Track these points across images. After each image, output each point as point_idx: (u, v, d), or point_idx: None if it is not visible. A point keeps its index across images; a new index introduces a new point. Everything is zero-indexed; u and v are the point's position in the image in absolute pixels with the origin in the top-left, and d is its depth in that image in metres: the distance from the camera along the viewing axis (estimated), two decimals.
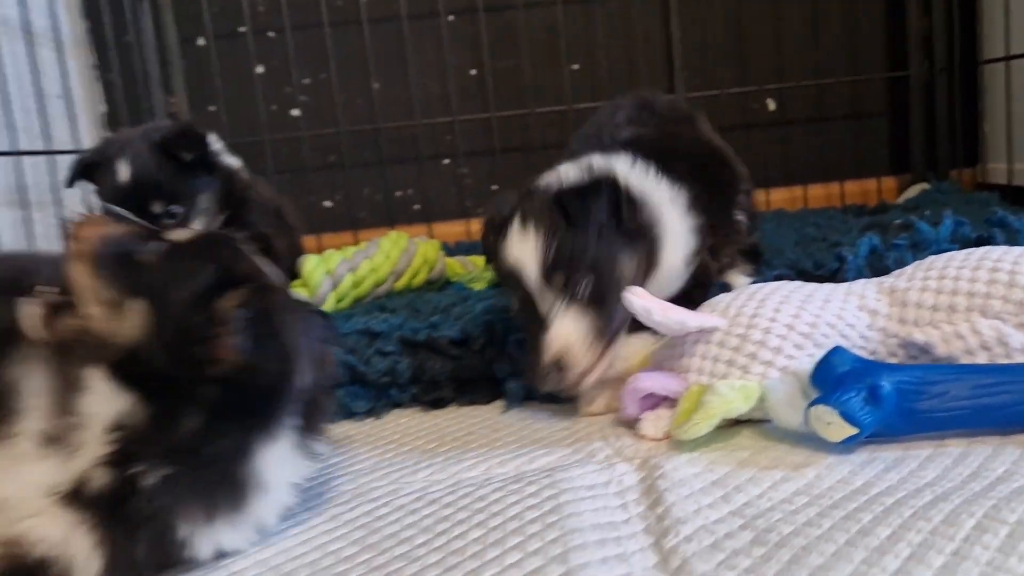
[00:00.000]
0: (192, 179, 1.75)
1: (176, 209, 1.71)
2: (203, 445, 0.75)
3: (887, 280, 1.21)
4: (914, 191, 2.74)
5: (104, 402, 0.73)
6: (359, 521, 0.95)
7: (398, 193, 2.99)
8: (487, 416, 1.31)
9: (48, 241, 2.28)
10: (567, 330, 1.19)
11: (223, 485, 0.78)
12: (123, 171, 1.68)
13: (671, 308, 1.13)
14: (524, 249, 1.24)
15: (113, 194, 1.67)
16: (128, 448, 0.72)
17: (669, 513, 0.88)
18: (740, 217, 1.62)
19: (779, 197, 2.87)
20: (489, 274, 1.96)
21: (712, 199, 1.47)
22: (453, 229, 2.90)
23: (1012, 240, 1.42)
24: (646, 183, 1.36)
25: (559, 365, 1.18)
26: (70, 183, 1.77)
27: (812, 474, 0.95)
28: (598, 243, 1.24)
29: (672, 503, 0.90)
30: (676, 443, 1.08)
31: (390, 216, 2.93)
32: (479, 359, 1.36)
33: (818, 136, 2.90)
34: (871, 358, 1.14)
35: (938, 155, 2.81)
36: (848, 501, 0.86)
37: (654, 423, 1.14)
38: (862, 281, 1.23)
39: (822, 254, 1.70)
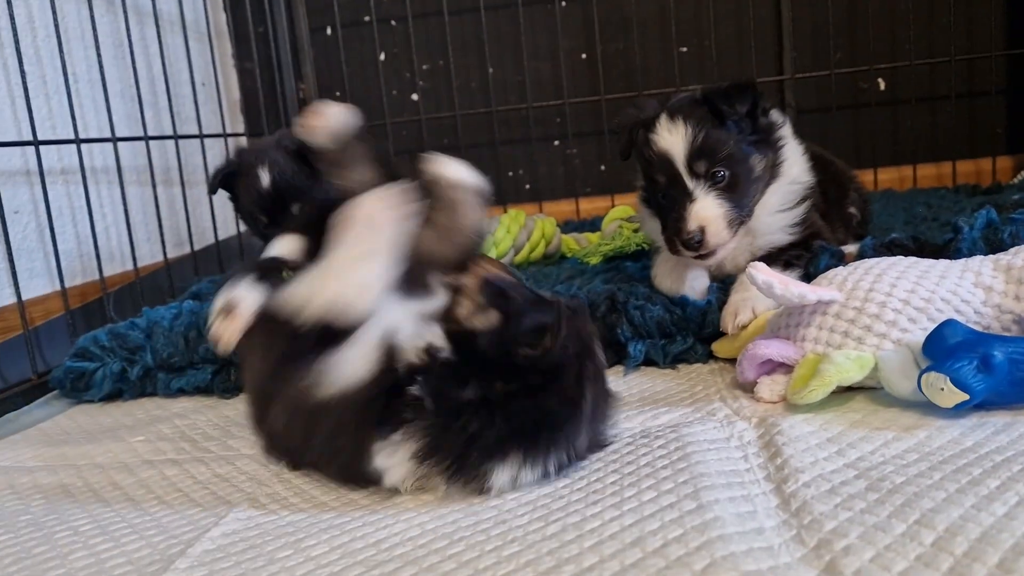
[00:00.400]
0: (321, 184, 1.91)
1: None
2: (512, 403, 0.95)
3: (1004, 257, 1.24)
4: None
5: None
6: None
7: (510, 173, 3.11)
8: (610, 378, 1.42)
9: (195, 216, 2.50)
10: (708, 209, 1.47)
11: (527, 432, 0.96)
12: (264, 178, 1.84)
13: (792, 282, 1.22)
14: (673, 139, 1.50)
15: (257, 198, 1.85)
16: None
17: (788, 464, 0.97)
18: (852, 211, 1.84)
19: (887, 177, 2.86)
20: (605, 248, 2.06)
21: (825, 189, 1.71)
22: (562, 208, 3.01)
23: None
24: (776, 113, 1.61)
25: (698, 236, 1.47)
26: (213, 190, 1.92)
27: (923, 434, 1.02)
28: (737, 139, 1.50)
29: (790, 455, 0.99)
30: (791, 406, 1.17)
31: (502, 196, 3.06)
32: (601, 325, 1.47)
33: (930, 115, 2.87)
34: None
35: None
36: (958, 458, 0.94)
37: (770, 387, 1.22)
38: (979, 258, 1.27)
39: (932, 232, 1.73)
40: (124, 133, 2.23)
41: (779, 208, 1.58)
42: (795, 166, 1.60)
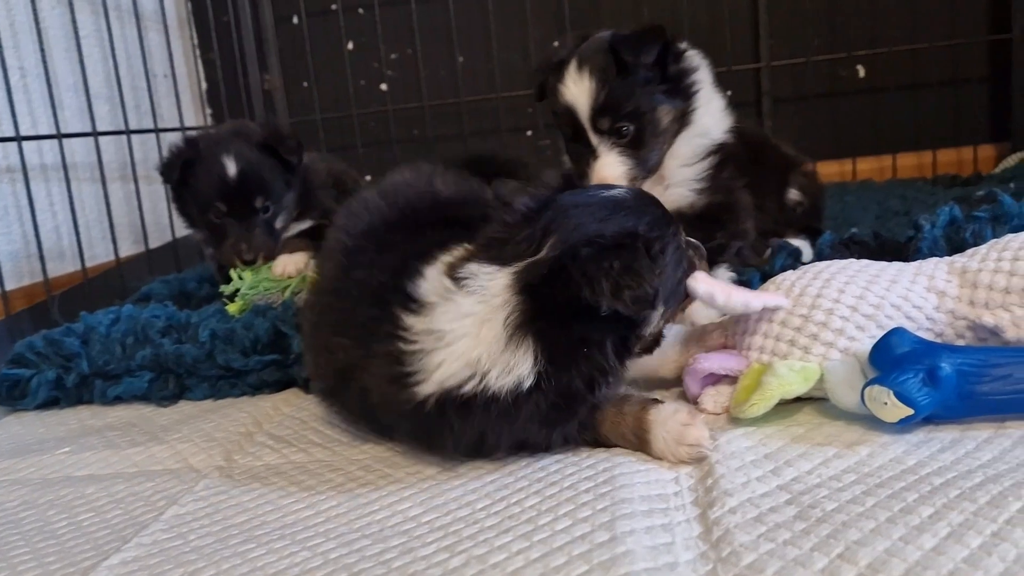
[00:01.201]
0: (284, 179, 1.87)
1: (269, 205, 1.84)
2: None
3: (959, 260, 1.19)
4: (1012, 160, 2.62)
5: None
6: (426, 483, 1.02)
7: None
8: None
9: (154, 214, 2.44)
10: (609, 167, 1.43)
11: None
12: (231, 167, 1.79)
13: (735, 290, 1.15)
14: (578, 91, 1.45)
15: (220, 187, 1.79)
16: None
17: (718, 485, 0.92)
18: (795, 195, 1.76)
19: (867, 167, 2.80)
20: None
21: (760, 173, 1.65)
22: None
23: None
24: (695, 57, 1.54)
25: None
26: (173, 179, 1.85)
27: (865, 452, 0.97)
28: (644, 90, 1.44)
29: (722, 475, 0.94)
30: (734, 418, 1.12)
31: None
32: None
33: (911, 103, 2.81)
34: (938, 340, 1.13)
35: None
36: (896, 480, 0.88)
37: (714, 398, 1.16)
38: (933, 260, 1.22)
39: (902, 228, 1.68)
40: (76, 128, 2.17)
41: (687, 161, 1.52)
42: (708, 116, 1.54)
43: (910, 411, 0.97)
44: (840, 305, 1.13)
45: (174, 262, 2.36)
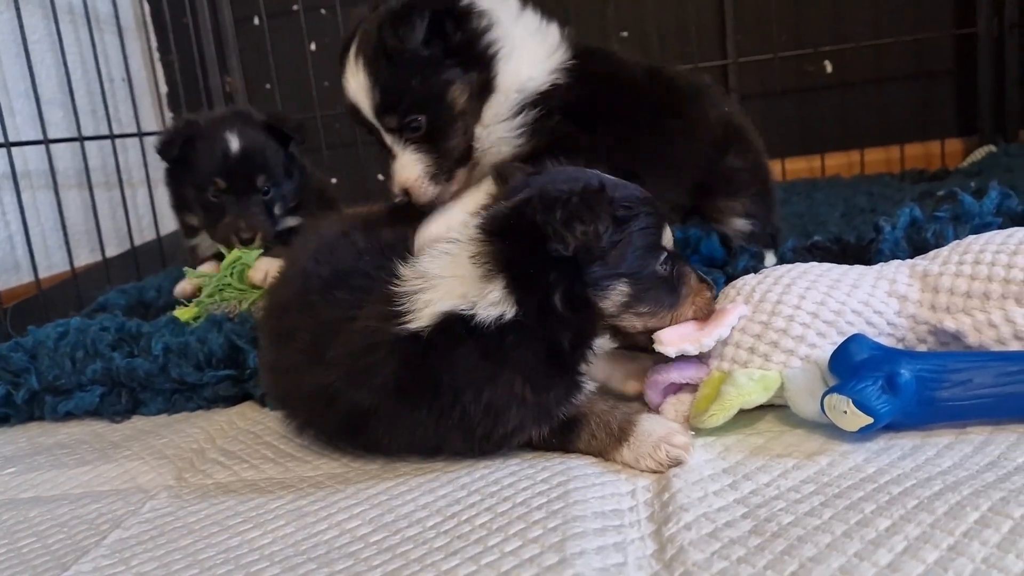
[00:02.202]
0: (285, 165, 1.85)
1: (269, 187, 1.81)
2: None
3: (920, 263, 1.17)
4: (980, 154, 2.63)
5: None
6: (376, 499, 0.99)
7: None
8: None
9: (113, 220, 2.39)
10: (406, 169, 1.27)
11: None
12: (234, 143, 1.76)
13: (703, 333, 1.10)
14: (357, 88, 1.27)
15: (222, 162, 1.76)
16: None
17: (674, 499, 0.89)
18: (736, 163, 1.51)
19: (836, 162, 2.80)
20: None
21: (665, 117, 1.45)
22: None
23: None
24: (487, 12, 1.33)
25: (404, 198, 1.29)
26: (172, 155, 1.80)
27: (825, 462, 0.95)
28: (426, 74, 1.25)
29: (679, 489, 0.92)
30: (694, 428, 1.09)
31: None
32: None
33: (878, 98, 2.80)
34: (900, 345, 1.12)
35: (1007, 115, 2.69)
36: (855, 490, 0.87)
37: (675, 407, 1.14)
38: (895, 263, 1.20)
39: (867, 228, 1.66)
40: (29, 136, 2.11)
41: (498, 119, 1.34)
42: (523, 69, 1.33)
43: (870, 419, 0.96)
44: (800, 311, 1.11)
45: (134, 270, 2.31)
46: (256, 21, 2.92)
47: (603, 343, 1.07)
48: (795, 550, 0.76)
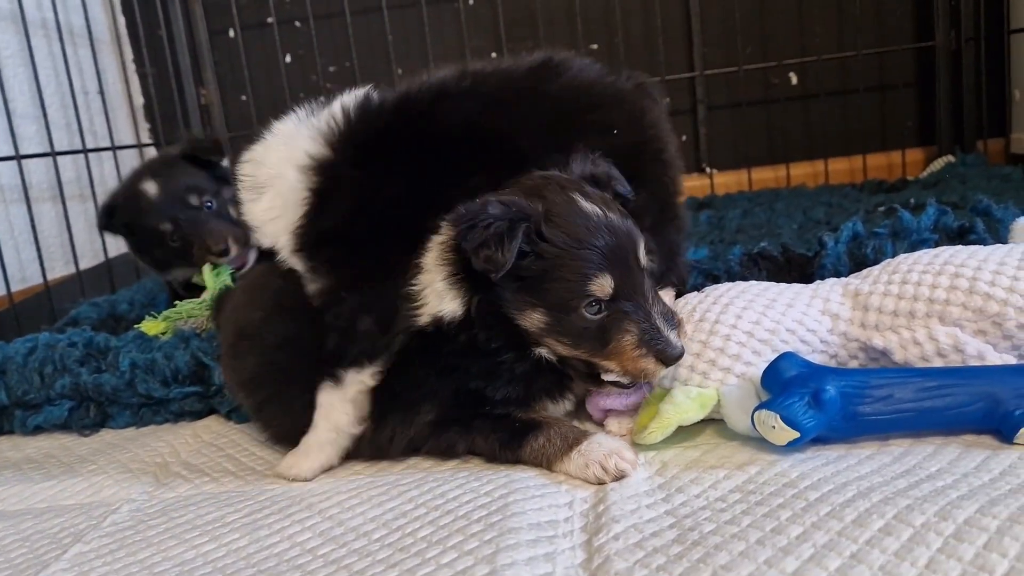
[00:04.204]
0: (214, 177, 1.88)
1: (207, 200, 1.85)
2: None
3: (853, 282, 1.22)
4: (938, 164, 2.70)
5: None
6: (329, 512, 1.04)
7: None
8: None
9: (87, 232, 2.41)
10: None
11: None
12: (151, 189, 1.82)
13: (636, 390, 1.18)
14: None
15: (154, 210, 1.81)
16: None
17: (608, 511, 0.94)
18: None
19: (800, 172, 2.86)
20: None
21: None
22: None
23: (993, 230, 1.42)
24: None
25: None
26: (116, 229, 1.90)
27: (754, 471, 1.00)
28: None
29: (614, 502, 0.96)
30: (636, 443, 1.14)
31: None
32: None
33: (841, 109, 2.87)
34: (832, 362, 1.17)
35: (965, 126, 2.76)
36: (775, 496, 0.91)
37: (618, 421, 1.19)
38: (830, 282, 1.25)
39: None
40: (1, 152, 2.14)
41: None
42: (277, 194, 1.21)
43: (797, 434, 1.00)
44: (737, 331, 1.15)
45: (108, 282, 2.34)
46: (231, 34, 2.95)
47: (547, 353, 1.13)
48: (710, 557, 0.81)
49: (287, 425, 1.25)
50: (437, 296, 1.11)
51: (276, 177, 1.20)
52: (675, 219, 1.34)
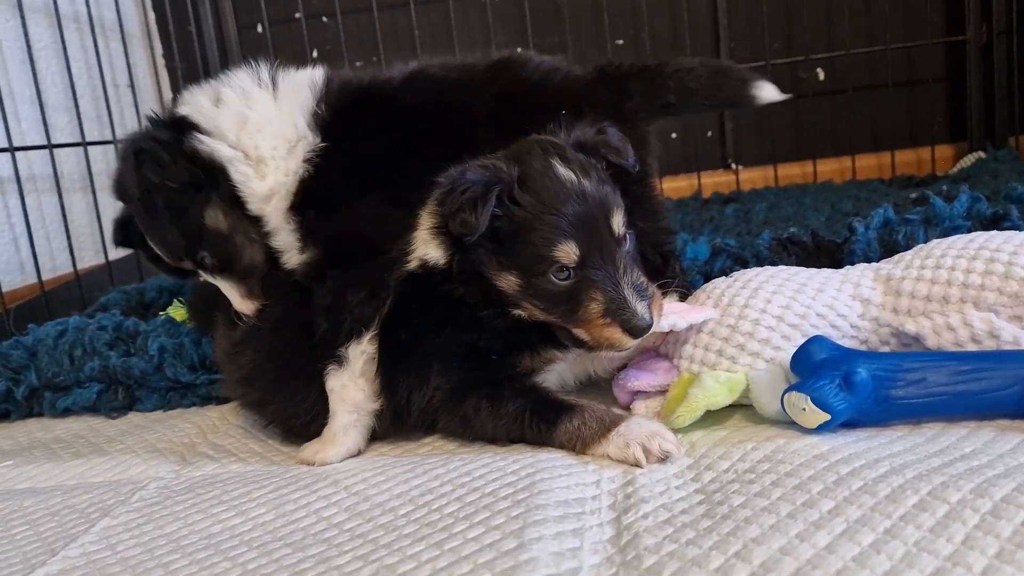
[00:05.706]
0: None
1: None
2: None
3: (884, 267, 1.20)
4: (969, 160, 2.66)
5: None
6: (355, 488, 1.04)
7: None
8: None
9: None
10: (231, 295, 1.32)
11: None
12: None
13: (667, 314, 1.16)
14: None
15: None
16: None
17: (636, 493, 0.93)
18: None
19: (828, 168, 2.83)
20: None
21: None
22: None
23: None
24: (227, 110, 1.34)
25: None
26: (121, 244, 1.81)
27: (782, 441, 0.99)
28: (159, 218, 1.28)
29: (642, 484, 0.95)
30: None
31: None
32: None
33: (869, 104, 2.84)
34: (863, 347, 1.15)
35: (996, 122, 2.71)
36: (806, 468, 0.90)
37: (646, 404, 1.18)
38: (860, 267, 1.23)
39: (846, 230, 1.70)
40: (35, 141, 2.17)
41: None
42: (263, 171, 1.29)
43: (827, 416, 0.99)
44: (766, 315, 1.14)
45: (136, 272, 2.36)
46: (259, 29, 2.98)
47: (525, 315, 1.14)
48: (740, 531, 0.80)
49: (296, 418, 1.26)
50: (423, 243, 1.16)
51: (274, 148, 1.29)
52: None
